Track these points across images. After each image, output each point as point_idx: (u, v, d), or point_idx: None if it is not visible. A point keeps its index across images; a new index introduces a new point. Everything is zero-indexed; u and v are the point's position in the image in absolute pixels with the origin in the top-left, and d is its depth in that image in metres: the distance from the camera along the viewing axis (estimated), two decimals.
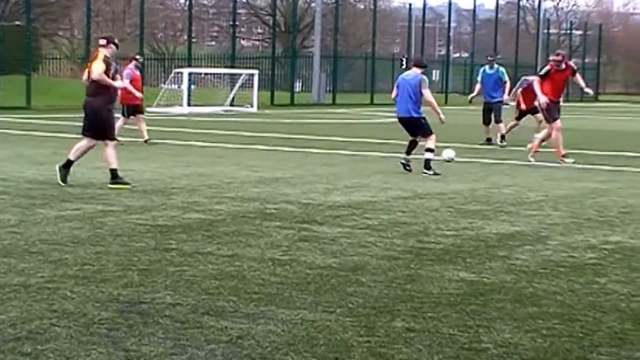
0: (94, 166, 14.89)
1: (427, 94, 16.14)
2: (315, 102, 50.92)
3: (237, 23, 57.58)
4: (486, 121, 23.83)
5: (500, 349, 5.85)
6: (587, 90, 20.51)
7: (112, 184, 13.30)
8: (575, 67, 19.28)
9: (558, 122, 18.43)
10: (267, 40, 70.31)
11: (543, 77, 18.48)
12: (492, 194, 13.13)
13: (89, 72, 13.47)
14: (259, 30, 79.51)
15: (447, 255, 8.90)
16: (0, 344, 5.70)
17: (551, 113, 18.39)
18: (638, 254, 9.16)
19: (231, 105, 41.91)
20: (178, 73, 40.62)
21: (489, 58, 24.41)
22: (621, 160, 20.21)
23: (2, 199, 11.90)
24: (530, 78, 22.56)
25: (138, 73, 22.11)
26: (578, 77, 19.41)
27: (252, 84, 41.71)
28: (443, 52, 74.23)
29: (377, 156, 18.92)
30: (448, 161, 17.39)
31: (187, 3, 50.21)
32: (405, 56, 55.87)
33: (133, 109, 21.54)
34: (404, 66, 52.21)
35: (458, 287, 7.55)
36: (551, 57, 19.25)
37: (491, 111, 23.63)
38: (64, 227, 9.95)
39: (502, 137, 23.26)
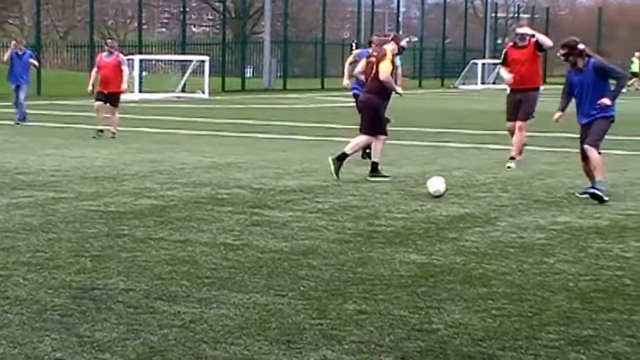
0: (45, 153, 14.75)
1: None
2: (266, 88, 50.79)
3: (187, 10, 57.30)
4: None
5: (451, 329, 5.89)
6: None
7: (371, 176, 13.38)
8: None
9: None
10: (218, 26, 70.00)
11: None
12: (442, 176, 13.17)
13: (376, 71, 13.35)
14: (209, 17, 79.08)
15: (397, 238, 8.93)
16: None
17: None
18: (586, 234, 9.26)
19: (182, 91, 41.66)
20: (129, 60, 40.23)
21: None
22: (569, 141, 20.39)
23: None
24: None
25: (110, 60, 20.15)
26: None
27: (203, 70, 41.48)
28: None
29: (328, 141, 18.93)
30: (436, 196, 11.66)
31: None
32: (355, 41, 55.86)
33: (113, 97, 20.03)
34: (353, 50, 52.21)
35: (409, 269, 7.59)
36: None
37: None
38: (15, 214, 9.85)
39: None
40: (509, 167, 14.78)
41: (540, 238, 9.02)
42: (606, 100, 11.30)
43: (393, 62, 13.51)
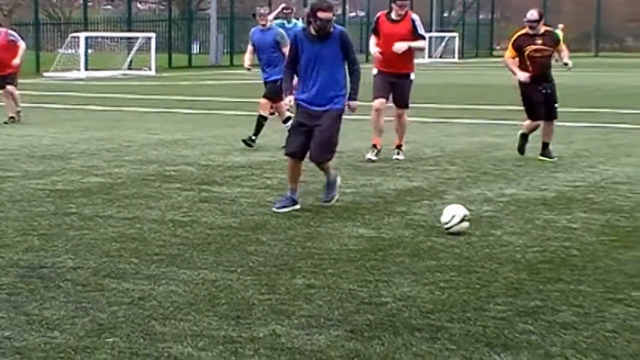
0: None
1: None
2: (213, 64, 50.54)
3: None
4: None
5: (400, 302, 5.91)
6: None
7: (542, 155, 12.78)
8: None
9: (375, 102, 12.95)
10: (164, 3, 69.33)
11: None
12: (390, 151, 13.21)
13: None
14: None
15: (346, 212, 8.95)
16: None
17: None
18: (533, 206, 9.34)
19: (129, 68, 41.32)
20: (74, 38, 39.82)
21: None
22: (516, 114, 20.51)
23: None
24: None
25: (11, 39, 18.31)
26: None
27: (150, 47, 41.15)
28: (339, 11, 74.25)
29: (276, 116, 18.85)
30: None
31: None
32: (303, 16, 55.73)
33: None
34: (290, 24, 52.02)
35: (357, 243, 7.61)
36: None
37: None
38: None
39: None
40: (396, 159, 12.66)
41: (487, 210, 9.08)
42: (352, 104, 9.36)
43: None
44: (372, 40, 12.82)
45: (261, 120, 14.31)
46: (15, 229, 8.03)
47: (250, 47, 14.89)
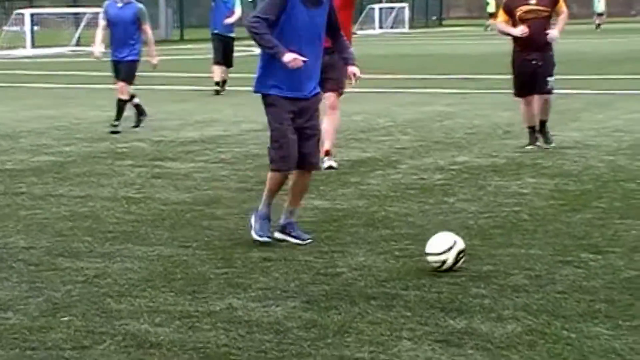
0: None
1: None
2: (163, 39, 50.13)
3: None
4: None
5: (355, 272, 5.97)
6: None
7: (542, 136, 11.00)
8: None
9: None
10: None
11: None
12: (342, 122, 13.25)
13: None
14: None
15: None
16: None
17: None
18: (484, 173, 9.44)
19: (77, 45, 40.88)
20: (19, 14, 39.32)
21: None
22: (466, 83, 20.67)
23: None
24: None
25: None
26: None
27: (97, 23, 40.71)
28: None
29: (228, 90, 18.83)
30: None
31: None
32: None
33: None
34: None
35: (313, 214, 7.65)
36: None
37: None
38: None
39: None
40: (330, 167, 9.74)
41: (440, 179, 9.16)
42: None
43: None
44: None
45: (121, 105, 13.20)
46: None
47: (102, 23, 13.37)
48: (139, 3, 13.21)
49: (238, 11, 18.86)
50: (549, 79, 10.76)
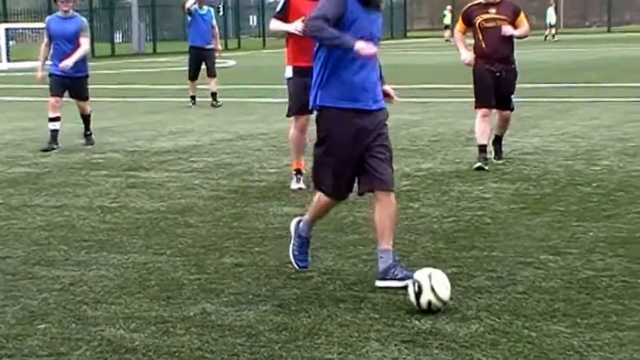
0: None
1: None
2: (136, 52, 50.01)
3: None
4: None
5: (324, 275, 5.97)
6: None
7: (494, 153, 10.59)
8: None
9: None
10: None
11: None
12: (311, 131, 13.26)
13: None
14: None
15: (271, 192, 8.98)
16: None
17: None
18: (448, 178, 9.48)
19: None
20: None
21: None
22: (430, 92, 20.75)
23: None
24: None
25: None
26: None
27: None
28: None
29: (201, 102, 18.79)
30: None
31: None
32: (221, 3, 55.37)
33: None
34: (220, 13, 51.83)
35: (283, 221, 7.64)
36: None
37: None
38: None
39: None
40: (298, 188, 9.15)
41: (406, 184, 9.19)
42: None
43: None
44: (278, 23, 8.81)
45: (87, 118, 12.95)
46: None
47: (45, 39, 12.70)
48: (82, 16, 12.87)
49: (215, 24, 18.88)
50: (512, 97, 10.31)
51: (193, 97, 18.62)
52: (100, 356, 4.63)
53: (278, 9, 8.77)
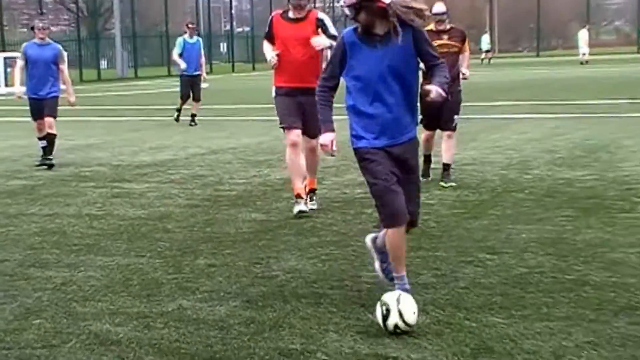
0: None
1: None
2: (120, 77, 49.76)
3: (44, 11, 55.31)
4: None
5: (288, 274, 5.95)
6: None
7: (442, 180, 9.68)
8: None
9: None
10: (73, 25, 67.94)
11: None
12: (275, 145, 13.26)
13: None
14: (65, 17, 76.63)
15: (240, 200, 8.95)
16: None
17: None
18: None
19: None
20: None
21: (190, 26, 18.64)
22: None
23: None
24: None
25: None
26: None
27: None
28: (228, 27, 73.88)
29: (181, 120, 18.69)
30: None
31: None
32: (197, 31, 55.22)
33: None
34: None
35: (251, 226, 7.62)
36: None
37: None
38: None
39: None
40: (311, 209, 8.27)
41: (359, 193, 9.19)
42: None
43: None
44: (267, 45, 8.31)
45: (53, 138, 12.28)
46: None
47: (21, 63, 12.31)
48: (59, 44, 12.57)
49: (202, 53, 18.72)
50: (455, 117, 9.80)
51: (179, 110, 18.40)
52: (88, 348, 4.58)
53: (266, 30, 8.26)
